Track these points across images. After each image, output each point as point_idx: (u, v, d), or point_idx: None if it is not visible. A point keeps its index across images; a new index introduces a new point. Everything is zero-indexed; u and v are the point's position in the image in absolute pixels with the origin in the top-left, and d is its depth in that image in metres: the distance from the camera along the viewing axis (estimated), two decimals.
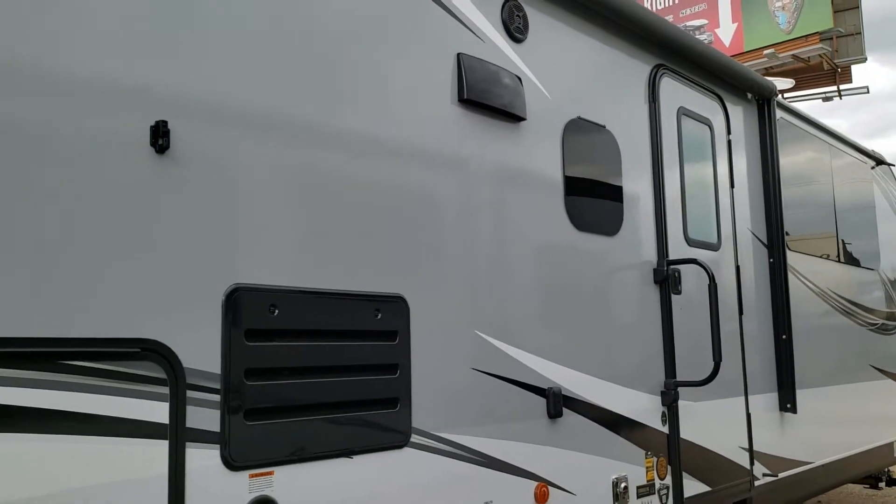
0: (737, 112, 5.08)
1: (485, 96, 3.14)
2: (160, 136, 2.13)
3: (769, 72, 20.58)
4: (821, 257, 5.92)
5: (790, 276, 5.19)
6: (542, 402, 3.25)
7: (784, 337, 5.02)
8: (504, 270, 3.18)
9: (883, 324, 6.82)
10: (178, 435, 2.09)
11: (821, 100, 22.74)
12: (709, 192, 4.64)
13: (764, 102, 5.31)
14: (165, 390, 2.09)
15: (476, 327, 3.02)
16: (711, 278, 4.03)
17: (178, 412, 2.10)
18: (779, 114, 5.47)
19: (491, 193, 3.18)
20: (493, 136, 3.22)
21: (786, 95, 20.84)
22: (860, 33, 18.91)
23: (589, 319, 3.59)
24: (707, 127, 4.71)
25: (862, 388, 6.22)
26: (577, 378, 3.44)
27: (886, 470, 7.55)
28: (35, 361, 1.86)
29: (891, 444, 6.58)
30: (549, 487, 3.21)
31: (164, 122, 2.14)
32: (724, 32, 19.56)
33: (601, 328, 3.65)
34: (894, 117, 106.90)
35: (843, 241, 6.34)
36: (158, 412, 2.07)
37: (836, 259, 6.20)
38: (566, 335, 3.44)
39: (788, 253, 5.22)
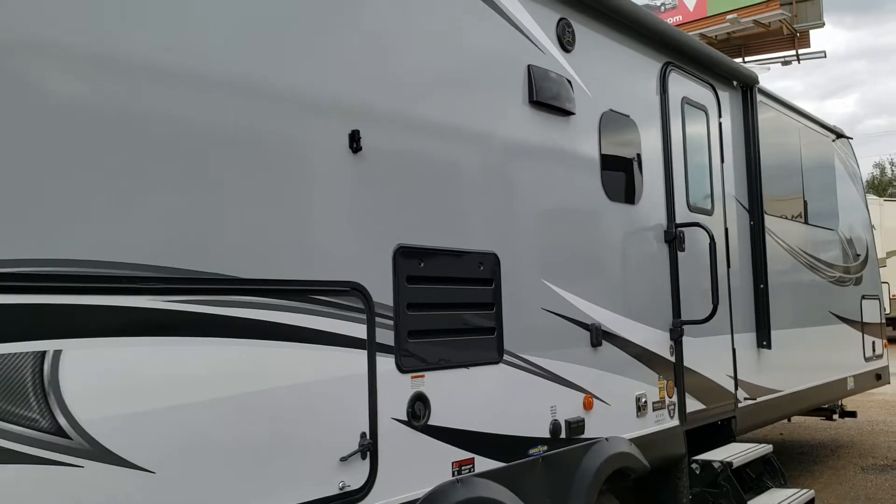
0: (725, 98, 6.06)
1: (549, 99, 4.07)
2: (355, 141, 3.03)
3: (731, 36, 21.50)
4: (791, 219, 6.97)
5: (767, 237, 6.23)
6: (587, 334, 4.24)
7: (762, 286, 6.08)
8: (560, 232, 4.14)
9: (840, 277, 7.94)
10: (371, 346, 3.03)
11: (780, 63, 23.83)
12: (704, 166, 5.63)
13: (747, 89, 6.29)
14: (364, 316, 3.02)
15: (543, 277, 3.98)
16: (711, 238, 5.04)
17: (371, 331, 3.03)
18: (760, 98, 6.46)
19: (551, 173, 4.12)
20: (552, 128, 4.15)
21: (746, 60, 21.85)
22: None
23: (618, 271, 4.58)
24: (703, 112, 5.69)
25: (823, 332, 7.35)
26: (611, 317, 4.43)
27: (839, 403, 8.77)
28: (294, 294, 2.78)
29: (844, 378, 7.72)
30: (594, 398, 4.22)
31: (358, 131, 3.04)
32: None
33: (626, 278, 4.64)
34: (848, 78, 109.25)
35: (807, 203, 7.40)
36: (360, 331, 3.00)
37: (803, 221, 7.26)
38: (602, 283, 4.42)
39: (765, 217, 6.25)
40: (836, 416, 8.99)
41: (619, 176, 4.69)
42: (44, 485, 2.07)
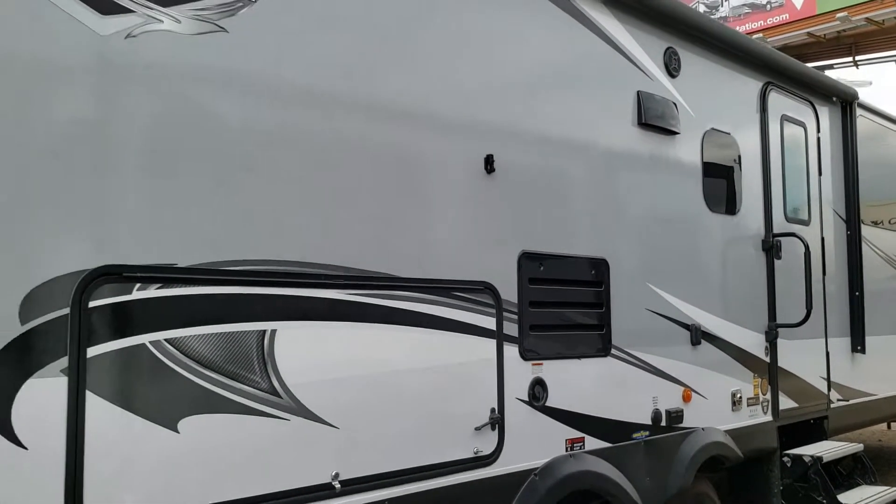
0: (824, 114, 6.36)
1: (655, 120, 4.53)
2: (489, 163, 3.59)
3: (841, 34, 21.06)
4: (889, 230, 7.18)
5: (863, 246, 6.50)
6: (687, 333, 4.69)
7: (857, 293, 6.36)
8: (664, 241, 4.61)
9: None
10: (500, 336, 3.59)
11: (894, 62, 23.18)
12: (802, 178, 5.97)
13: (846, 105, 6.57)
14: (493, 311, 3.58)
15: (647, 280, 4.46)
16: (806, 248, 5.40)
17: (499, 323, 3.59)
18: (859, 111, 6.72)
19: (657, 187, 4.59)
20: (659, 147, 4.62)
21: (857, 59, 21.35)
22: None
23: (717, 276, 5.00)
24: (802, 128, 6.02)
25: None
26: (709, 318, 4.86)
27: None
28: (441, 290, 3.36)
29: None
30: (692, 392, 4.67)
31: (491, 155, 3.60)
32: None
33: (725, 282, 5.06)
34: None
35: None
36: (490, 323, 3.56)
37: None
38: (702, 287, 4.86)
39: (862, 227, 6.52)
40: None
41: (720, 189, 5.11)
42: (260, 430, 2.71)
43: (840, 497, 5.31)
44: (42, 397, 2.25)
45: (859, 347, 6.35)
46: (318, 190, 2.96)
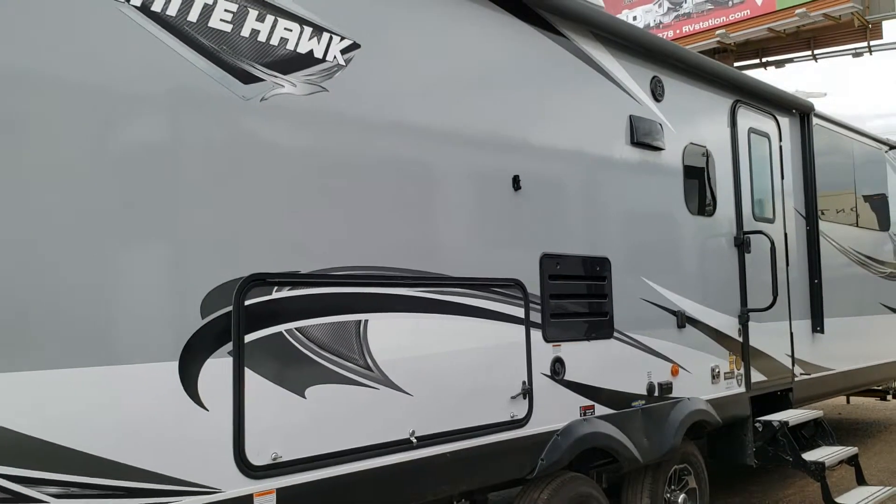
0: (785, 124, 7.27)
1: (645, 139, 5.39)
2: (517, 182, 4.42)
3: (800, 29, 21.96)
4: (844, 223, 8.13)
5: (821, 239, 7.43)
6: (674, 318, 5.56)
7: (816, 281, 7.29)
8: (654, 240, 5.47)
9: (891, 272, 9.04)
10: (527, 323, 4.42)
11: (851, 55, 24.21)
12: (767, 182, 6.87)
13: (804, 116, 7.49)
14: (522, 302, 4.41)
15: (641, 274, 5.32)
16: (772, 243, 6.30)
17: (526, 312, 4.42)
18: (815, 120, 7.64)
19: (647, 195, 5.45)
20: (648, 161, 5.47)
21: (815, 53, 22.26)
22: None
23: (698, 269, 5.88)
24: (766, 138, 6.92)
25: (872, 320, 8.49)
26: (692, 305, 5.74)
27: (893, 385, 9.86)
28: (482, 286, 4.18)
29: (894, 362, 8.83)
30: (679, 367, 5.54)
31: (518, 177, 4.43)
32: None
33: (705, 274, 5.93)
34: None
35: (859, 209, 8.53)
36: (520, 312, 4.39)
37: (855, 224, 8.41)
38: (686, 279, 5.73)
39: (820, 223, 7.45)
40: (889, 397, 10.07)
41: (699, 194, 5.98)
42: (359, 397, 3.52)
43: (804, 455, 6.21)
44: (217, 372, 3.04)
45: (819, 328, 7.28)
46: (396, 211, 3.77)
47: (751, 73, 22.45)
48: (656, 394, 5.31)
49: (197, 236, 3.04)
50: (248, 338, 3.14)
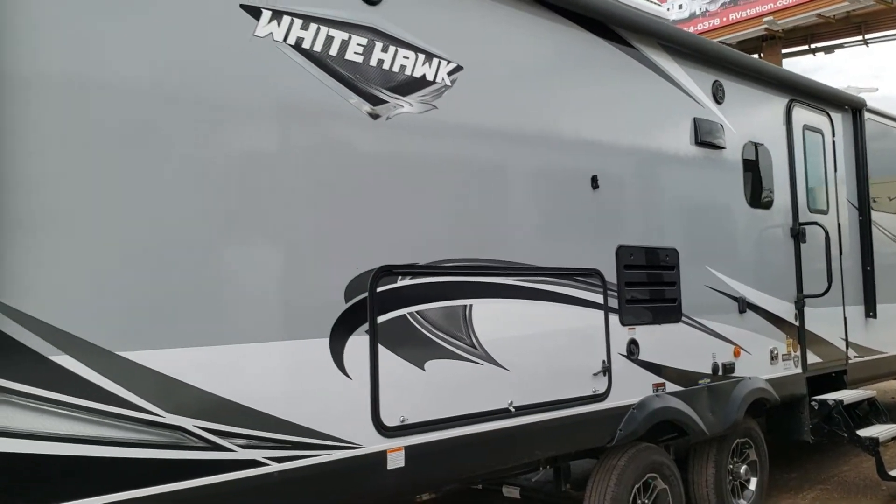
0: (838, 120, 7.66)
1: (707, 139, 5.86)
2: (595, 182, 4.94)
3: (850, 14, 21.74)
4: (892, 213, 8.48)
5: (873, 228, 7.81)
6: (736, 304, 6.03)
7: (868, 268, 7.68)
8: (717, 232, 5.95)
9: None
10: (606, 308, 4.95)
11: None
12: (821, 175, 7.28)
13: (856, 112, 7.87)
14: (601, 289, 4.93)
15: (706, 264, 5.80)
16: (826, 233, 6.73)
17: (605, 299, 4.95)
18: (867, 115, 8.02)
19: (710, 191, 5.93)
20: (711, 159, 5.95)
21: (866, 38, 21.97)
22: None
23: (757, 258, 6.34)
24: (820, 134, 7.33)
25: None
26: (752, 292, 6.20)
27: None
28: (567, 276, 4.72)
29: None
30: (741, 349, 6.01)
31: (596, 177, 4.95)
32: None
33: (763, 263, 6.39)
34: None
35: None
36: (599, 298, 4.92)
37: None
38: (747, 267, 6.20)
39: (872, 213, 7.83)
40: None
41: (758, 188, 6.44)
42: (467, 371, 4.09)
43: (858, 431, 6.64)
44: (357, 348, 3.63)
45: (871, 313, 7.67)
46: (493, 210, 4.33)
47: (799, 59, 22.27)
48: (720, 373, 5.79)
49: (341, 235, 3.63)
50: (380, 319, 3.73)
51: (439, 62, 4.11)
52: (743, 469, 6.05)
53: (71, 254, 2.83)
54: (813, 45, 22.30)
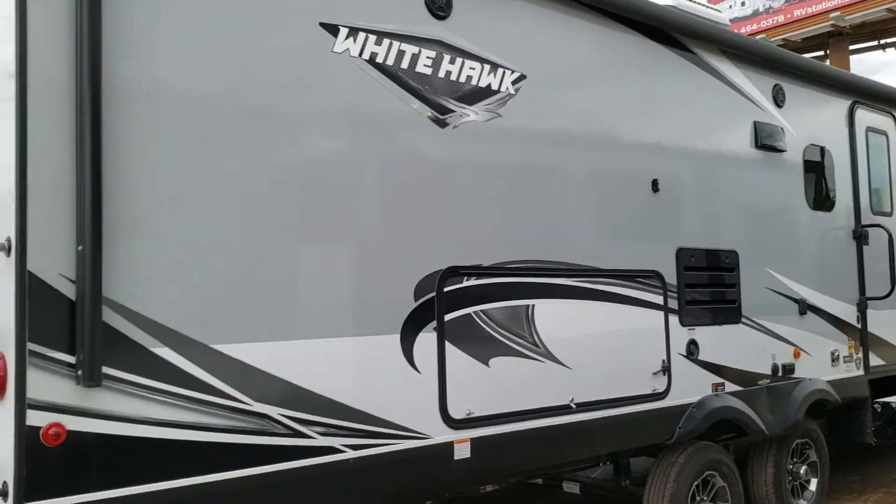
0: None
1: (768, 142, 5.93)
2: (655, 186, 5.07)
3: None
4: None
5: None
6: (796, 305, 6.08)
7: None
8: (777, 234, 6.00)
9: None
10: (665, 309, 5.07)
11: None
12: (885, 177, 7.25)
13: None
14: (661, 290, 5.06)
15: (766, 266, 5.87)
16: (890, 236, 6.72)
17: (665, 300, 5.07)
18: None
19: (771, 193, 5.99)
20: (771, 161, 6.01)
21: None
22: None
23: (819, 260, 6.37)
24: (884, 135, 7.30)
25: None
26: (813, 294, 6.24)
27: None
28: (627, 277, 4.85)
29: None
30: (801, 351, 6.06)
31: (657, 180, 5.08)
32: None
33: (825, 265, 6.42)
34: None
35: None
36: (659, 299, 5.04)
37: None
38: (807, 269, 6.23)
39: None
40: None
41: (819, 191, 6.47)
42: (529, 368, 4.27)
43: None
44: (425, 343, 3.84)
45: None
46: (554, 213, 4.51)
47: (869, 55, 21.77)
48: (780, 374, 5.85)
49: (411, 238, 3.85)
50: (447, 317, 3.93)
51: (504, 72, 4.30)
52: (803, 469, 6.09)
53: (169, 255, 3.10)
54: (883, 41, 21.72)
